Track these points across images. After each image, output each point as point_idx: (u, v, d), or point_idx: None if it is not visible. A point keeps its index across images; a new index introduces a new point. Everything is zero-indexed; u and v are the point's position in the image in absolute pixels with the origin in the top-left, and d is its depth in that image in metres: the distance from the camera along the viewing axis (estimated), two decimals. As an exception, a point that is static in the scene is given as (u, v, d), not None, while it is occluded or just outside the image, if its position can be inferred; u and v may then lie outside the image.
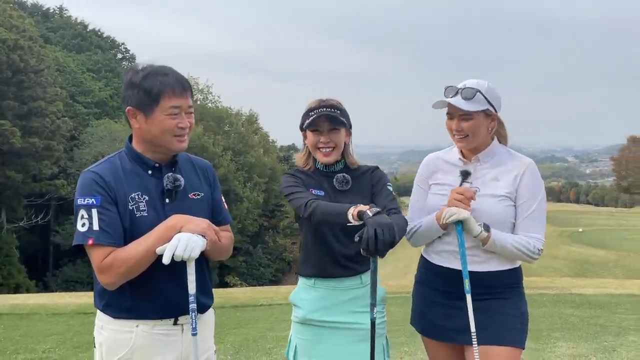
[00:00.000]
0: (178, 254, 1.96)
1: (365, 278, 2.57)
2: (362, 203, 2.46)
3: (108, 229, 2.03)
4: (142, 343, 2.12)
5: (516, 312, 2.49)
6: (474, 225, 2.37)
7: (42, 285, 32.77)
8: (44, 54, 35.33)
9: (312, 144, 2.57)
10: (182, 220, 2.06)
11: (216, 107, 44.77)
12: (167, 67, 2.19)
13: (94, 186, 2.06)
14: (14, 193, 32.48)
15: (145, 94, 2.09)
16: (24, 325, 7.11)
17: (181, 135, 2.14)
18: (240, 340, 6.04)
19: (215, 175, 2.40)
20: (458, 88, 2.44)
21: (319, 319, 2.56)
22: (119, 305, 2.12)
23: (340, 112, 2.55)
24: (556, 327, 6.35)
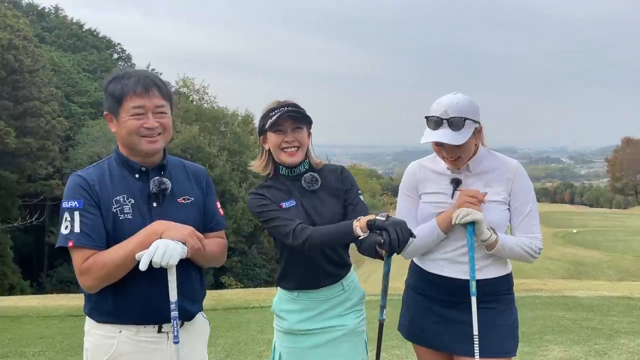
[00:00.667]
0: (156, 260, 1.95)
1: (346, 283, 2.61)
2: (333, 201, 2.53)
3: (89, 231, 2.04)
4: (125, 349, 2.10)
5: (510, 321, 2.51)
6: (484, 229, 2.35)
7: (36, 286, 32.64)
8: (39, 54, 35.17)
9: (275, 145, 2.50)
10: (163, 227, 2.05)
11: (212, 108, 44.68)
12: (135, 70, 2.21)
13: (78, 190, 2.08)
14: (9, 193, 32.34)
15: (112, 98, 2.13)
16: (14, 328, 7.07)
17: (149, 135, 2.12)
18: (232, 343, 6.02)
19: (210, 181, 2.39)
20: (442, 118, 2.37)
21: (304, 329, 2.57)
22: (102, 310, 2.12)
23: (303, 111, 2.52)
24: (548, 330, 6.35)
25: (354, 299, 2.63)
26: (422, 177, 2.61)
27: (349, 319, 2.59)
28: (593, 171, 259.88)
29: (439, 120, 2.38)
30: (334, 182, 2.60)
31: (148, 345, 2.14)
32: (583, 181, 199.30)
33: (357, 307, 2.65)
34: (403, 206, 2.66)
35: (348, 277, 2.62)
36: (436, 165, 2.61)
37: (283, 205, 2.51)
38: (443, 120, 2.37)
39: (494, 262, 2.49)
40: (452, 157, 2.44)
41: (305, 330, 2.56)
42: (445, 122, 2.37)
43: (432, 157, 2.65)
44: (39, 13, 51.38)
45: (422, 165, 2.66)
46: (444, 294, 2.50)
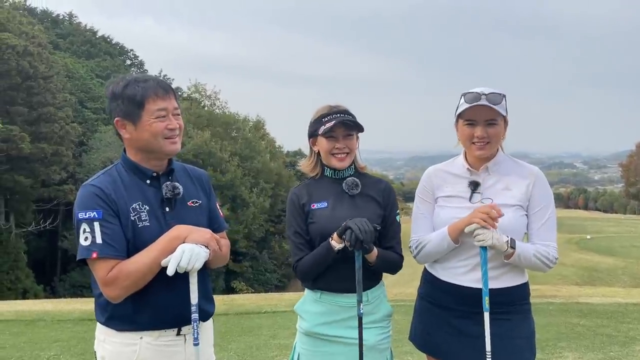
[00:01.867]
0: (182, 265, 1.98)
1: (372, 296, 2.58)
2: (372, 209, 2.55)
3: (111, 242, 2.03)
4: (147, 355, 2.12)
5: (527, 333, 2.47)
6: (500, 247, 2.32)
7: (49, 290, 32.91)
8: (53, 60, 35.65)
9: (326, 150, 2.57)
10: (185, 231, 2.08)
11: (224, 113, 44.92)
12: (146, 75, 2.25)
13: (95, 199, 2.07)
14: (23, 198, 32.70)
15: (130, 102, 2.12)
16: (29, 332, 7.13)
17: (172, 137, 2.16)
18: (244, 347, 6.02)
19: (211, 184, 2.43)
20: (481, 94, 2.38)
21: (323, 333, 2.56)
22: (123, 318, 2.12)
23: (353, 117, 2.57)
24: (562, 336, 6.28)
25: (378, 314, 2.59)
26: (438, 180, 2.58)
27: (370, 334, 2.53)
28: (607, 176, 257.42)
29: (477, 95, 2.38)
30: (374, 193, 2.61)
31: (167, 349, 2.16)
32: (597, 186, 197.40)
33: (381, 324, 2.60)
34: (417, 211, 2.64)
35: (374, 290, 2.60)
36: (453, 167, 2.59)
37: (314, 206, 2.57)
38: (481, 95, 2.37)
39: (511, 270, 2.45)
40: (483, 139, 2.40)
41: (324, 335, 2.55)
42: (484, 97, 2.37)
43: (449, 161, 2.64)
44: (53, 20, 52.07)
45: (438, 169, 2.64)
46: (458, 303, 2.45)
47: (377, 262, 2.49)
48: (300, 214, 2.60)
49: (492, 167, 2.49)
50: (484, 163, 2.49)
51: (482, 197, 2.46)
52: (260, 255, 41.72)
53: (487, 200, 2.45)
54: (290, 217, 2.64)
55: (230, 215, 36.49)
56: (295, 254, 2.58)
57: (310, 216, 2.57)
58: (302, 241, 2.57)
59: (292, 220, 2.62)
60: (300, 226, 2.59)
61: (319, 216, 2.54)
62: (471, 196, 2.47)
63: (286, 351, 5.63)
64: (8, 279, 29.82)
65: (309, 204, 2.59)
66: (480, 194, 2.47)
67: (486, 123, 2.40)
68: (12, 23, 33.60)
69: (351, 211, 2.52)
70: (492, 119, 2.39)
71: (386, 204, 2.60)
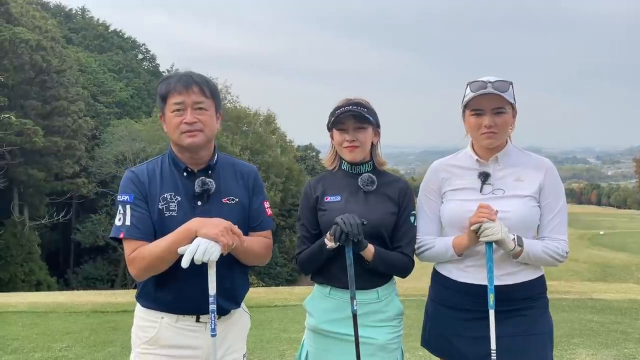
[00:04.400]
0: (197, 257, 2.04)
1: (382, 293, 2.52)
2: (385, 207, 2.51)
3: (138, 224, 2.18)
4: (166, 334, 2.25)
5: (548, 328, 2.41)
6: (508, 243, 2.25)
7: (62, 283, 33.30)
8: (66, 55, 35.92)
9: (337, 142, 2.56)
10: (198, 224, 2.11)
11: (234, 107, 44.99)
12: (180, 72, 2.29)
13: (129, 184, 2.23)
14: (36, 191, 33.06)
15: (160, 99, 2.27)
16: (42, 323, 7.20)
17: (189, 130, 2.20)
18: (255, 341, 6.03)
19: (259, 181, 2.44)
20: (488, 82, 2.31)
21: (330, 330, 2.52)
22: (147, 296, 2.27)
23: (367, 110, 2.51)
24: (575, 332, 6.22)
25: (389, 313, 2.53)
26: (445, 174, 2.50)
27: (380, 333, 2.48)
28: (620, 172, 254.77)
29: (483, 84, 2.32)
30: (391, 192, 2.55)
31: (188, 333, 2.25)
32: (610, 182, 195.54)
33: (391, 323, 2.53)
34: (423, 209, 2.56)
35: (386, 287, 2.53)
36: (460, 160, 2.52)
37: (327, 199, 2.54)
38: (487, 84, 2.31)
39: (527, 265, 2.37)
40: (491, 127, 2.33)
41: (331, 332, 2.51)
42: (490, 85, 2.30)
43: (454, 155, 2.58)
44: (67, 14, 52.43)
45: (444, 163, 2.56)
46: (475, 304, 2.36)
47: (375, 261, 2.43)
48: (311, 208, 2.58)
49: (501, 158, 2.43)
50: (493, 154, 2.42)
51: (493, 188, 2.39)
52: (270, 249, 41.86)
53: (498, 192, 2.38)
54: (301, 209, 2.64)
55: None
56: (298, 245, 2.61)
57: (323, 208, 2.54)
58: (307, 234, 2.57)
59: (301, 212, 2.64)
60: (308, 219, 2.58)
61: (331, 209, 2.50)
62: (482, 187, 2.40)
63: (296, 345, 5.60)
64: (22, 271, 30.21)
65: (322, 196, 2.56)
66: (491, 185, 2.39)
67: (494, 112, 2.33)
68: (26, 17, 33.87)
69: (364, 207, 2.48)
70: (500, 107, 2.32)
71: (401, 204, 2.54)
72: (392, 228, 2.51)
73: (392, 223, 2.51)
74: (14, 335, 6.42)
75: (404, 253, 2.51)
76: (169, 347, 2.24)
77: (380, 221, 2.47)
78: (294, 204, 45.53)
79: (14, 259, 30.18)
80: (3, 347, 5.88)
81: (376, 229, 2.45)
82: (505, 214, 2.29)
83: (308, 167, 52.94)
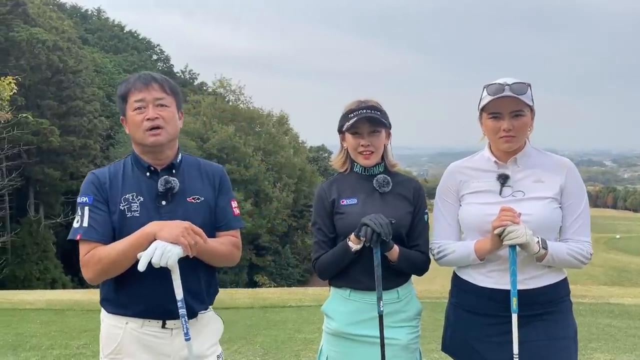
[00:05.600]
0: (154, 261, 1.98)
1: (402, 293, 2.50)
2: (403, 207, 2.49)
3: (96, 226, 2.12)
4: (130, 340, 2.18)
5: (572, 332, 2.36)
6: (533, 246, 2.20)
7: (77, 281, 33.61)
8: (82, 55, 36.35)
9: (352, 147, 2.51)
10: (156, 228, 2.06)
11: (248, 108, 45.20)
12: (141, 73, 2.28)
13: (90, 186, 2.19)
14: (52, 190, 33.48)
15: (120, 100, 2.24)
16: (59, 321, 7.29)
17: (152, 127, 2.15)
18: (270, 341, 6.05)
19: (225, 180, 2.38)
20: (505, 85, 2.26)
21: (353, 333, 2.49)
22: (110, 301, 2.21)
23: (380, 114, 2.47)
24: (593, 337, 6.15)
25: (409, 312, 2.51)
26: (463, 177, 2.44)
27: (402, 333, 2.46)
28: (637, 174, 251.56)
29: (500, 87, 2.27)
30: (405, 192, 2.54)
31: (152, 339, 2.18)
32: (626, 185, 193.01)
33: (412, 322, 2.52)
34: (440, 213, 2.50)
35: (405, 287, 2.52)
36: (477, 162, 2.47)
37: (344, 202, 2.51)
38: (505, 86, 2.26)
39: (550, 268, 2.33)
40: (509, 131, 2.28)
41: (354, 335, 2.48)
42: (508, 88, 2.25)
43: (470, 157, 2.52)
44: (83, 15, 53.08)
45: (461, 165, 2.50)
46: (499, 309, 2.30)
47: (400, 261, 2.42)
48: (327, 211, 2.54)
49: (520, 159, 2.37)
50: (511, 155, 2.37)
51: (512, 190, 2.34)
52: (282, 250, 41.95)
53: (518, 194, 2.33)
54: (316, 213, 2.59)
55: (253, 209, 36.75)
56: (316, 250, 2.54)
57: (340, 211, 2.51)
58: (324, 239, 2.53)
59: (317, 216, 2.58)
60: (325, 223, 2.54)
61: (348, 212, 2.48)
62: (501, 190, 2.34)
63: (311, 346, 5.63)
64: (37, 269, 30.60)
65: (338, 199, 2.53)
66: (510, 188, 2.34)
67: (512, 115, 2.27)
68: (43, 18, 34.33)
69: (381, 208, 2.46)
70: (518, 110, 2.27)
71: (416, 202, 2.54)
72: (409, 227, 2.50)
73: (409, 222, 2.50)
74: (33, 332, 6.51)
75: (421, 251, 2.51)
76: (135, 355, 2.17)
77: (399, 221, 2.45)
78: (306, 204, 45.57)
79: (30, 257, 30.59)
80: (22, 343, 5.96)
81: (396, 230, 2.42)
82: (526, 217, 2.24)
83: (320, 168, 52.96)
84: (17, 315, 7.70)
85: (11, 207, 30.56)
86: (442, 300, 8.51)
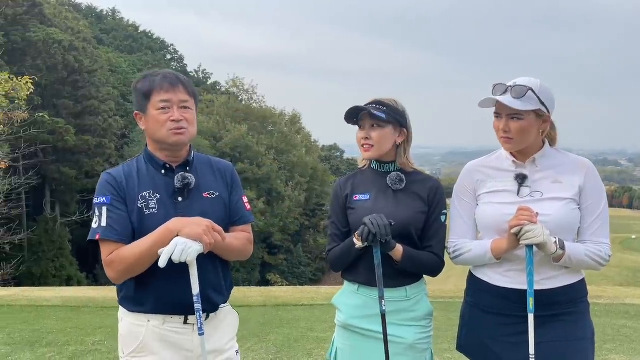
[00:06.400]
0: (174, 258, 2.03)
1: (411, 292, 2.51)
2: (414, 205, 2.49)
3: (115, 225, 2.13)
4: (153, 338, 2.20)
5: (590, 333, 2.34)
6: (550, 246, 2.18)
7: (92, 278, 33.99)
8: (97, 55, 36.73)
9: (357, 140, 2.56)
10: (179, 225, 2.10)
11: (260, 107, 45.32)
12: (162, 70, 2.31)
13: (106, 186, 2.20)
14: (68, 188, 33.90)
15: (141, 95, 2.22)
16: (75, 318, 7.37)
17: (176, 128, 2.19)
18: (282, 339, 6.08)
19: (236, 177, 2.44)
20: (508, 86, 2.27)
21: (359, 326, 2.52)
22: (131, 300, 2.23)
23: (387, 109, 2.48)
24: (608, 338, 6.09)
25: (417, 312, 2.51)
26: (480, 176, 2.43)
27: (409, 333, 2.47)
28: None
29: (502, 86, 2.28)
30: (420, 191, 2.53)
31: (174, 335, 2.21)
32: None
33: (420, 323, 2.51)
34: (457, 213, 2.49)
35: (415, 286, 2.52)
36: (496, 161, 2.46)
37: (356, 198, 2.55)
38: (508, 88, 2.26)
39: (567, 268, 2.31)
40: (506, 132, 2.28)
41: (360, 328, 2.52)
42: (510, 90, 2.25)
43: (488, 156, 2.51)
44: (98, 15, 53.60)
45: (478, 164, 2.49)
46: (516, 309, 2.29)
47: (404, 262, 2.42)
48: (341, 206, 2.59)
49: (539, 160, 2.35)
50: (529, 155, 2.36)
51: (530, 190, 2.32)
52: (295, 248, 42.02)
53: (536, 194, 2.31)
54: (331, 207, 2.65)
55: (265, 208, 36.86)
56: (329, 242, 2.60)
57: (352, 206, 2.55)
58: (337, 232, 2.57)
59: (332, 210, 2.64)
60: (338, 217, 2.59)
61: (360, 207, 2.51)
62: (519, 190, 2.33)
63: (323, 344, 5.65)
64: (53, 266, 31.01)
65: (351, 195, 2.57)
66: (528, 188, 2.32)
67: (509, 117, 2.27)
68: (59, 18, 34.74)
69: (393, 206, 2.47)
70: (515, 113, 2.25)
71: (431, 203, 2.52)
72: (421, 227, 2.50)
73: (421, 222, 2.49)
74: (49, 329, 6.59)
75: (434, 253, 2.49)
76: (158, 352, 2.20)
77: (409, 220, 2.46)
78: (318, 203, 45.64)
79: (46, 254, 31.01)
80: (39, 339, 6.04)
81: (405, 228, 2.44)
82: (545, 218, 2.22)
83: (332, 167, 52.99)
84: (34, 311, 7.81)
85: (28, 205, 30.97)
86: (455, 300, 8.53)
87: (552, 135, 2.43)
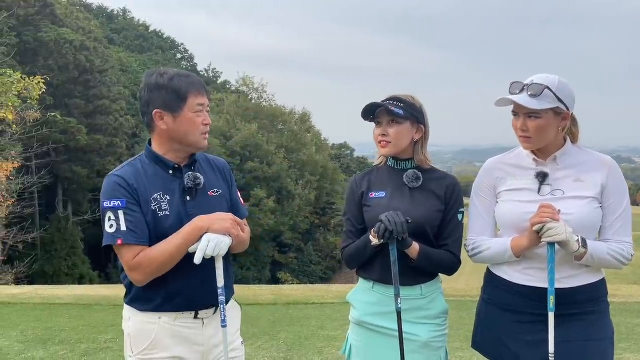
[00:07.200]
0: (208, 253, 2.09)
1: (426, 290, 2.50)
2: (431, 203, 2.48)
3: (135, 229, 2.14)
4: (165, 334, 2.23)
5: (610, 333, 2.31)
6: (573, 244, 2.15)
7: (104, 277, 34.25)
8: (108, 55, 36.98)
9: (374, 136, 2.55)
10: (207, 222, 2.15)
11: (270, 106, 45.35)
12: (187, 71, 2.34)
13: (118, 189, 2.17)
14: (80, 188, 34.18)
15: (174, 94, 2.18)
16: (87, 316, 7.42)
17: (205, 132, 2.27)
18: (293, 338, 6.07)
19: (232, 174, 2.50)
20: (524, 84, 2.24)
21: (373, 323, 2.52)
22: (142, 300, 2.25)
23: (404, 105, 2.47)
24: (622, 337, 6.01)
25: (432, 310, 2.51)
26: (500, 173, 2.42)
27: (423, 331, 2.47)
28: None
29: (519, 85, 2.26)
30: (437, 188, 2.51)
31: (186, 331, 2.25)
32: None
33: (435, 321, 2.51)
34: (476, 210, 2.47)
35: (430, 285, 2.52)
36: (516, 159, 2.43)
37: (372, 195, 2.54)
38: (525, 86, 2.24)
39: (588, 267, 2.27)
40: (524, 131, 2.26)
41: (374, 325, 2.51)
42: (526, 88, 2.23)
43: (508, 153, 2.49)
44: (108, 15, 53.98)
45: (498, 162, 2.47)
46: (534, 307, 2.27)
47: (420, 260, 2.42)
48: (357, 203, 2.58)
49: (560, 158, 2.32)
50: (550, 153, 2.33)
51: (552, 189, 2.29)
52: (305, 247, 42.02)
53: (557, 192, 2.28)
54: (347, 204, 2.65)
55: (276, 207, 36.89)
56: (344, 240, 2.61)
57: (368, 204, 2.54)
58: (352, 229, 2.57)
59: (347, 207, 2.64)
60: (354, 214, 2.58)
61: (375, 205, 2.50)
62: (540, 188, 2.30)
63: (334, 342, 5.64)
64: (66, 264, 31.29)
65: (367, 192, 2.56)
66: (549, 186, 2.29)
67: (526, 115, 2.25)
68: (70, 18, 35.01)
69: (409, 204, 2.46)
70: (531, 112, 2.23)
71: (448, 201, 2.50)
72: (437, 225, 2.48)
73: (437, 220, 2.47)
74: (62, 327, 6.64)
75: (450, 251, 2.48)
76: (170, 348, 2.23)
77: (425, 218, 2.44)
78: (329, 202, 45.60)
79: (58, 253, 31.28)
80: (51, 337, 6.09)
81: (421, 226, 2.43)
82: (566, 216, 2.19)
83: (343, 165, 52.91)
84: (46, 309, 7.87)
85: (40, 204, 31.31)
86: (466, 299, 8.47)
87: (573, 132, 2.39)
